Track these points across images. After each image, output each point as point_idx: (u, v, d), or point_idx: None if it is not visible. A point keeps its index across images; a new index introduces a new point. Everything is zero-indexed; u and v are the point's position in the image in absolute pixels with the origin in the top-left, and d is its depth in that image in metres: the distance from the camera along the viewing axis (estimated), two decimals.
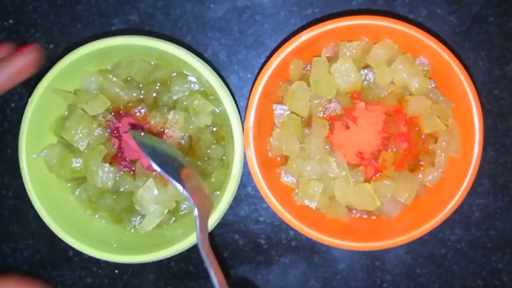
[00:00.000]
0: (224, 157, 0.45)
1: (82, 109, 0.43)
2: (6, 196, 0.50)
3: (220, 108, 0.43)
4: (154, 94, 0.44)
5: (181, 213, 0.45)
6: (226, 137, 0.44)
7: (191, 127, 0.43)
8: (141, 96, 0.45)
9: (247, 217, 0.49)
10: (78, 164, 0.43)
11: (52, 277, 0.50)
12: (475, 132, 0.41)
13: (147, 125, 0.44)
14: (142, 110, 0.44)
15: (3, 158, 0.49)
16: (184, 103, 0.44)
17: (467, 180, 0.41)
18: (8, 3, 0.49)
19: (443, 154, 0.43)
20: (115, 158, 0.45)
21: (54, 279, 0.50)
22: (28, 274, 0.50)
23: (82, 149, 0.42)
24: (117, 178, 0.43)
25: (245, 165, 0.43)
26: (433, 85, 0.44)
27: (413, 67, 0.43)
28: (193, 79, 0.44)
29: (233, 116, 0.41)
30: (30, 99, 0.41)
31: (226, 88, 0.41)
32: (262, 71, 0.42)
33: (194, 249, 0.42)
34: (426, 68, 0.43)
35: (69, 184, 0.44)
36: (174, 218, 0.45)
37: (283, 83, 0.44)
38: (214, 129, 0.44)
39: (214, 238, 0.49)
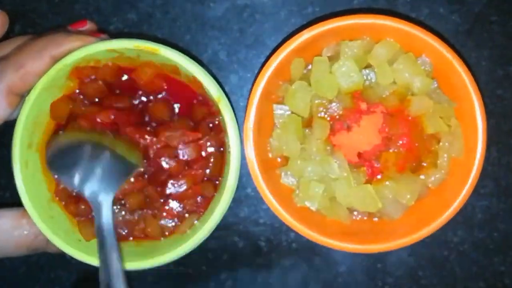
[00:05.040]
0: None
1: None
2: (4, 197, 0.50)
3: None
4: None
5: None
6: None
7: None
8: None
9: (246, 218, 0.48)
10: None
11: (49, 278, 0.49)
12: (478, 133, 0.41)
13: None
14: None
15: (0, 159, 0.49)
16: None
17: (470, 182, 0.41)
18: (6, 1, 0.49)
19: (445, 155, 0.43)
20: None
21: (51, 280, 0.49)
22: (25, 276, 0.50)
23: None
24: None
25: (245, 166, 0.43)
26: (435, 85, 0.43)
27: (415, 66, 0.42)
28: None
29: (229, 118, 0.40)
30: (26, 98, 0.41)
31: (221, 91, 0.41)
32: (262, 70, 0.42)
33: (192, 251, 0.41)
34: (428, 67, 0.43)
35: None
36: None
37: (283, 83, 0.44)
38: None
39: (213, 240, 0.48)
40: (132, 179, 0.42)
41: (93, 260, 0.41)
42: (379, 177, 0.44)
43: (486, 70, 0.48)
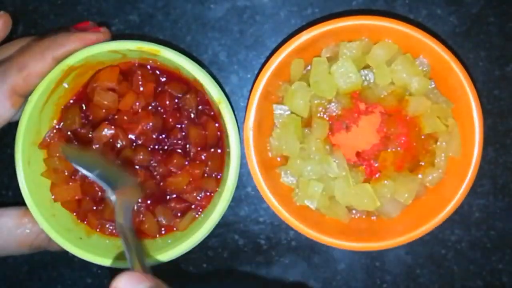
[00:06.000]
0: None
1: None
2: (6, 196, 0.50)
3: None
4: None
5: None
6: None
7: None
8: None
9: (247, 217, 0.49)
10: None
11: (52, 277, 0.50)
12: (475, 132, 0.41)
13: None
14: None
15: (3, 158, 0.49)
16: None
17: (467, 181, 0.41)
18: (8, 3, 0.49)
19: (443, 154, 0.43)
20: None
21: (54, 279, 0.50)
22: (28, 274, 0.50)
23: None
24: None
25: (245, 165, 0.43)
26: (433, 86, 0.44)
27: (413, 67, 0.43)
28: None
29: (229, 119, 0.41)
30: (29, 98, 0.41)
31: (222, 92, 0.41)
32: (262, 71, 0.42)
33: (193, 249, 0.42)
34: (426, 68, 0.43)
35: None
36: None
37: (283, 83, 0.44)
38: None
39: (214, 238, 0.49)
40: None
41: (94, 258, 0.41)
42: (377, 176, 0.45)
43: (483, 70, 0.48)
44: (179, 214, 0.43)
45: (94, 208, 0.44)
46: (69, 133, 0.43)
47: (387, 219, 0.44)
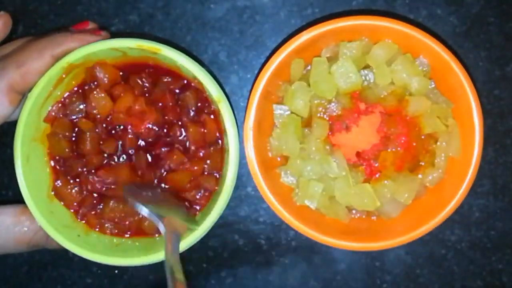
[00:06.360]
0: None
1: None
2: (6, 196, 0.50)
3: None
4: None
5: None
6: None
7: None
8: None
9: (247, 217, 0.49)
10: None
11: (52, 277, 0.50)
12: (475, 133, 0.41)
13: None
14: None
15: (3, 158, 0.49)
16: None
17: (467, 181, 0.41)
18: (8, 3, 0.49)
19: (443, 155, 0.43)
20: None
21: (54, 279, 0.50)
22: (28, 274, 0.50)
23: None
24: None
25: (245, 165, 0.43)
26: (433, 86, 0.44)
27: (413, 67, 0.43)
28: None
29: (228, 118, 0.41)
30: (28, 95, 0.41)
31: (221, 91, 0.41)
32: (262, 71, 0.42)
33: (194, 249, 0.42)
34: (426, 68, 0.43)
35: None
36: None
37: (283, 83, 0.44)
38: None
39: (214, 238, 0.49)
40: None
41: (92, 255, 0.41)
42: (377, 176, 0.45)
43: (483, 70, 0.48)
44: None
45: (93, 212, 0.44)
46: (73, 117, 0.43)
47: (387, 219, 0.44)
